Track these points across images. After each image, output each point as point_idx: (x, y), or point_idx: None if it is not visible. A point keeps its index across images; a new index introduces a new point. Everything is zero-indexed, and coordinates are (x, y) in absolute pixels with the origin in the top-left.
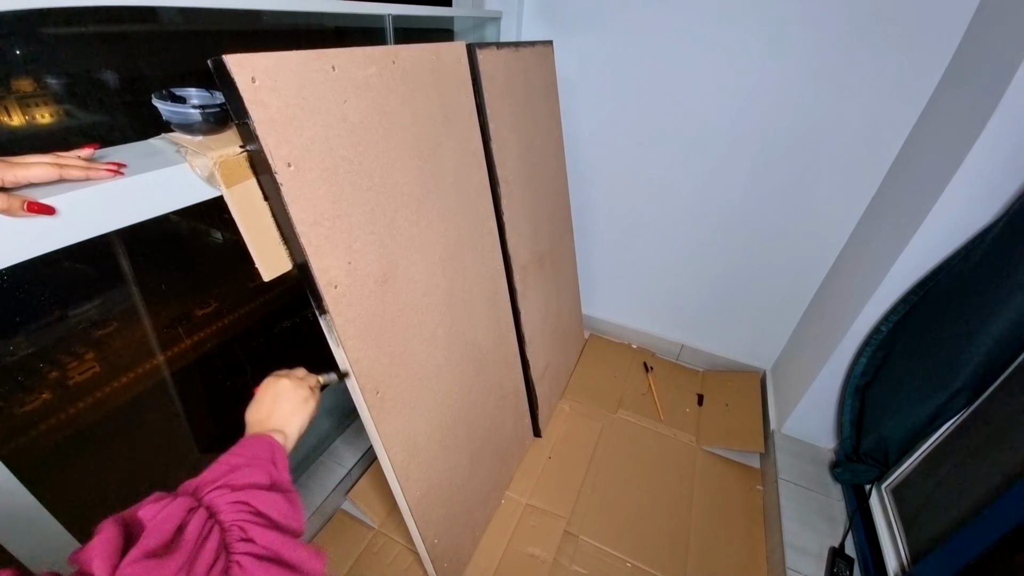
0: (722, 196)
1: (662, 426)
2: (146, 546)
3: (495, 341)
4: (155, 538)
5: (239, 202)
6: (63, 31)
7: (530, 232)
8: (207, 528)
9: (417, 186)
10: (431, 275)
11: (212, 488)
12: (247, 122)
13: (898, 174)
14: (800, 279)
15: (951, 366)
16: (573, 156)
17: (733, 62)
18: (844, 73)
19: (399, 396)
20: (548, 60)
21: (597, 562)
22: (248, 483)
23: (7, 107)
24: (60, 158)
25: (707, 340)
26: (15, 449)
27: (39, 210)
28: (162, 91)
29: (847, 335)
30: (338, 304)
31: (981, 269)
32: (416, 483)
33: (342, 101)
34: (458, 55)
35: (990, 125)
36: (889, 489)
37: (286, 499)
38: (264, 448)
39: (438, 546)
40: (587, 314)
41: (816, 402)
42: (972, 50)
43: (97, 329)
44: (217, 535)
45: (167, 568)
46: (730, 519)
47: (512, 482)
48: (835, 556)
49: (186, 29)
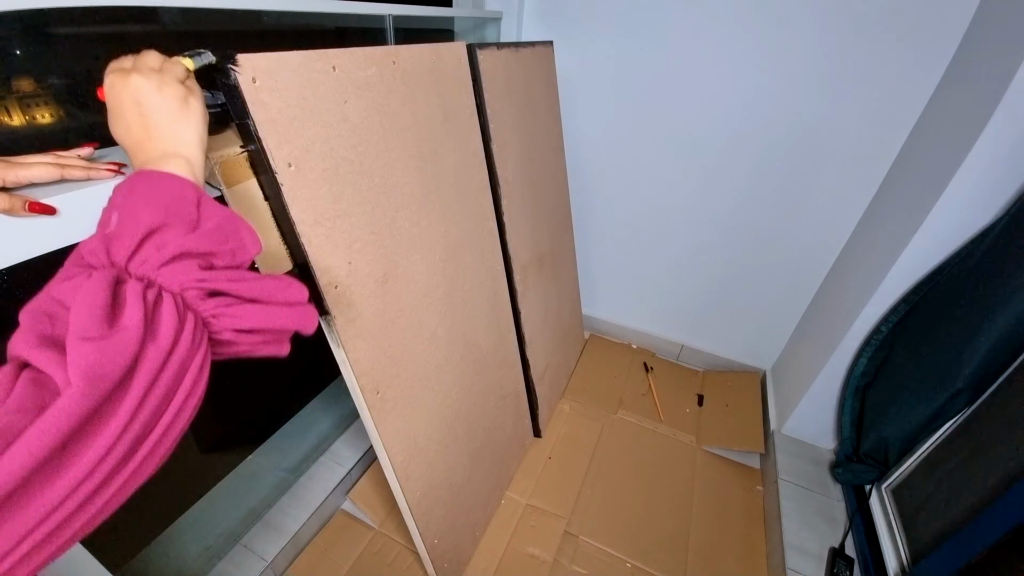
0: (722, 196)
1: (662, 426)
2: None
3: (495, 341)
4: (90, 322)
5: (239, 202)
6: (63, 31)
7: (530, 232)
8: (151, 298)
9: (417, 186)
10: (431, 275)
11: (131, 255)
12: (247, 122)
13: (898, 174)
14: (800, 279)
15: (951, 366)
16: (573, 156)
17: (733, 62)
18: (844, 73)
19: (399, 396)
20: (548, 60)
21: (597, 562)
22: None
23: (7, 107)
24: (61, 158)
25: (707, 340)
26: None
27: (40, 210)
28: None
29: (847, 335)
30: (338, 304)
31: (981, 270)
32: (416, 483)
33: (343, 101)
34: (458, 55)
35: (990, 125)
36: (889, 489)
37: (220, 227)
38: (167, 188)
39: (438, 546)
40: (587, 314)
41: (816, 402)
42: (972, 50)
43: None
44: (170, 301)
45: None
46: (730, 519)
47: (512, 482)
48: (835, 556)
49: (186, 29)
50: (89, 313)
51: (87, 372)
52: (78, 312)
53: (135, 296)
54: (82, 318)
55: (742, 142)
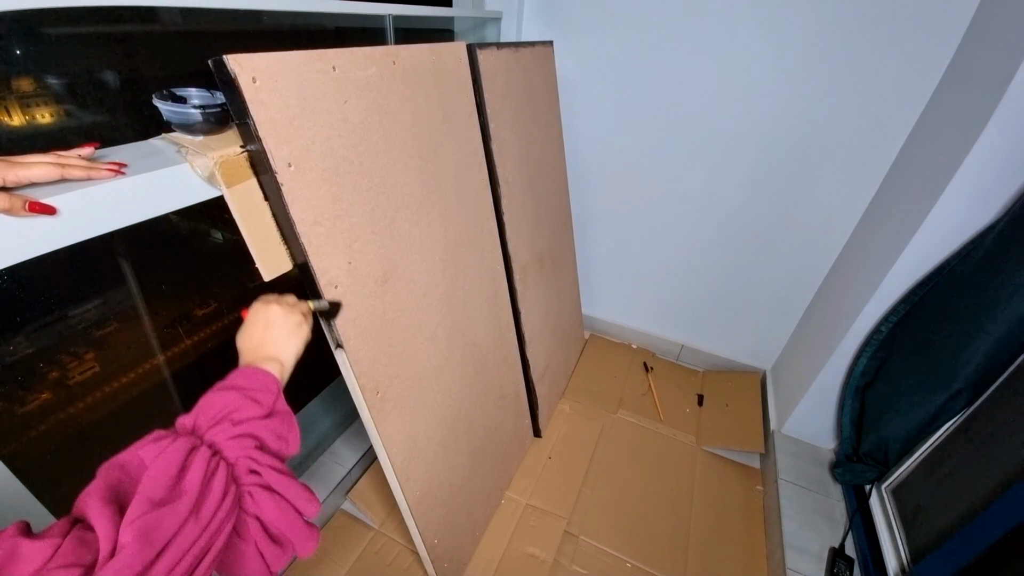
0: (722, 196)
1: (662, 426)
2: (151, 494)
3: (495, 341)
4: (159, 483)
5: (239, 202)
6: (63, 31)
7: (530, 232)
8: (212, 466)
9: (417, 186)
10: (431, 275)
11: (212, 424)
12: (248, 122)
13: (898, 174)
14: (800, 279)
15: (951, 366)
16: (573, 156)
17: (734, 62)
18: (844, 74)
19: (399, 396)
20: (548, 60)
21: (597, 562)
22: (248, 416)
23: (7, 107)
24: (61, 157)
25: (707, 340)
26: (15, 449)
27: (40, 210)
28: (163, 91)
29: (847, 335)
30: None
31: (981, 270)
32: (416, 483)
33: (343, 101)
34: (458, 55)
35: (990, 125)
36: (889, 489)
37: (283, 422)
38: (259, 380)
39: (438, 546)
40: (587, 314)
41: (816, 402)
42: (972, 50)
43: (97, 329)
44: (224, 471)
45: (176, 514)
46: (730, 519)
47: (512, 482)
48: (835, 556)
49: (186, 29)
50: (162, 476)
51: (140, 532)
52: (153, 474)
53: (202, 460)
54: (155, 479)
55: (742, 142)
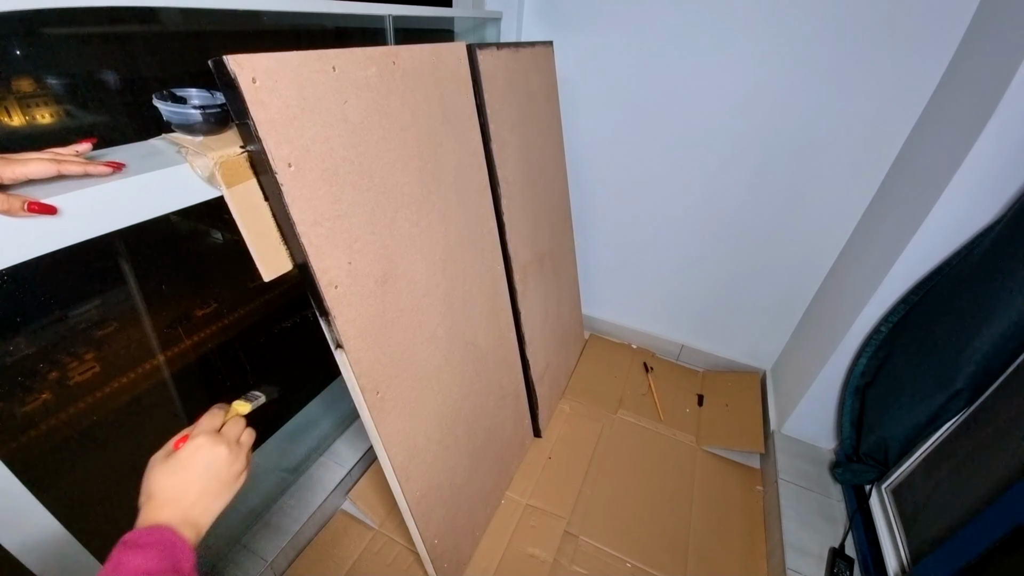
0: (722, 196)
1: (662, 426)
2: None
3: (495, 341)
4: None
5: (239, 202)
6: (63, 31)
7: (530, 232)
8: None
9: (417, 186)
10: (431, 275)
11: None
12: (248, 122)
13: (898, 174)
14: (800, 279)
15: (951, 366)
16: (573, 156)
17: (734, 63)
18: (844, 74)
19: (399, 396)
20: (548, 60)
21: (597, 562)
22: None
23: (7, 107)
24: (58, 154)
25: (707, 340)
26: (15, 449)
27: (40, 210)
28: (162, 91)
29: (847, 335)
30: (338, 304)
31: (981, 269)
32: (416, 483)
33: (342, 102)
34: (458, 56)
35: (990, 125)
36: (889, 489)
37: None
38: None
39: (438, 546)
40: (587, 314)
41: (816, 402)
42: (972, 50)
43: (97, 329)
44: None
45: None
46: (730, 519)
47: (512, 482)
48: (835, 556)
49: (186, 29)
50: None
51: None
52: None
53: None
54: None
55: (743, 141)
